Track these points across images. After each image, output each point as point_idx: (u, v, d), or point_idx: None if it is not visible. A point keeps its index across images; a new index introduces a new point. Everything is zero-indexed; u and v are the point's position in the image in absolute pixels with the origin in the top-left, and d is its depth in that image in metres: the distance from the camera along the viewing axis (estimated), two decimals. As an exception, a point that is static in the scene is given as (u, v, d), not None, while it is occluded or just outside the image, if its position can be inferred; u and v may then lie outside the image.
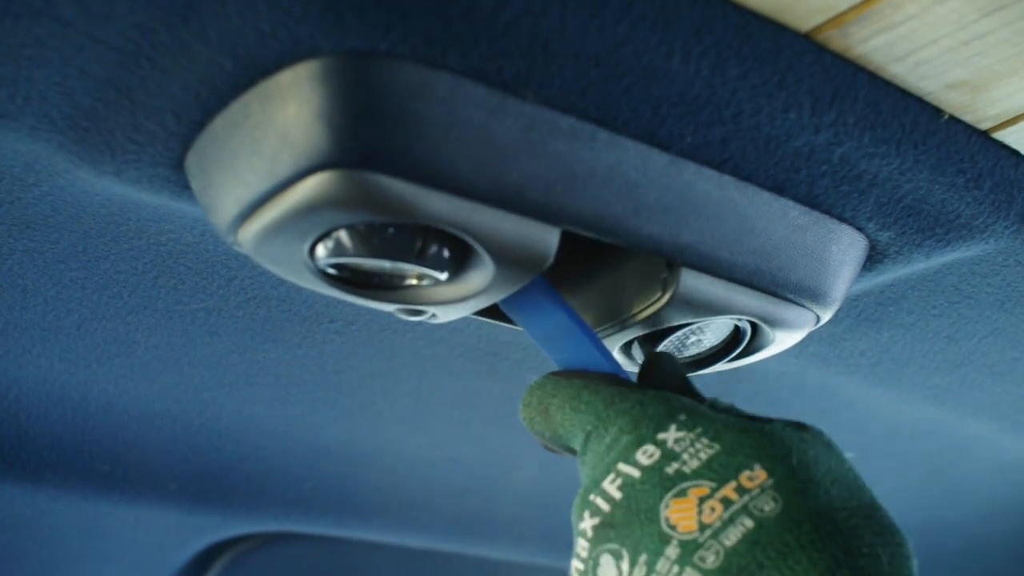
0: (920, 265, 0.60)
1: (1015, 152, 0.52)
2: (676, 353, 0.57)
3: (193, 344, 0.72)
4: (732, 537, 0.38)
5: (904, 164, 0.50)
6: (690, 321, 0.52)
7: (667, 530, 0.39)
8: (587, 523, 0.41)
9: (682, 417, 0.42)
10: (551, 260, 0.45)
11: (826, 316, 0.56)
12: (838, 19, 0.42)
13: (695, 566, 0.38)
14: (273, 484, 0.99)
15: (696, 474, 0.40)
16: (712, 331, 0.56)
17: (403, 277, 0.46)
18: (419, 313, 0.48)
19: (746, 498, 0.39)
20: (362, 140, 0.39)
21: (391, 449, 0.96)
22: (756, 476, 0.39)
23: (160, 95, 0.43)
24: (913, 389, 0.85)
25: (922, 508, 1.23)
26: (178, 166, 0.47)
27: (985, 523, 1.30)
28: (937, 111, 0.48)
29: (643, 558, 0.39)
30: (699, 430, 0.41)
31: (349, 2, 0.37)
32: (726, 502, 0.39)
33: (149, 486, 0.93)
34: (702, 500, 0.39)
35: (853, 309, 0.69)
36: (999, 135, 0.51)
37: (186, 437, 0.88)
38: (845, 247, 0.55)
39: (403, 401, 0.85)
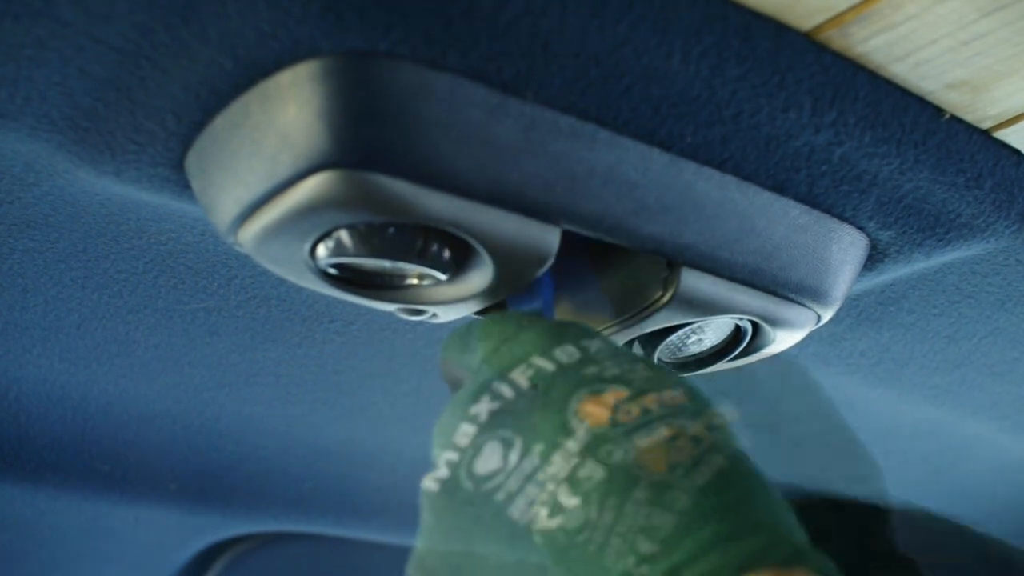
0: (921, 264, 0.60)
1: (1016, 151, 0.52)
2: (676, 353, 0.57)
3: (193, 344, 0.72)
4: (646, 440, 0.35)
5: (904, 164, 0.49)
6: (691, 320, 0.52)
7: (573, 423, 0.36)
8: (483, 407, 0.38)
9: (609, 341, 0.40)
10: (552, 260, 0.45)
11: (827, 315, 0.56)
12: (838, 19, 0.42)
13: (599, 459, 0.35)
14: (273, 484, 0.99)
15: (615, 380, 0.37)
16: (713, 330, 0.56)
17: (404, 277, 0.46)
18: (420, 313, 0.48)
19: (667, 411, 0.36)
20: (362, 140, 0.39)
21: (391, 449, 0.96)
22: (677, 398, 0.37)
23: (160, 95, 0.43)
24: (913, 389, 0.85)
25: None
26: (178, 166, 0.47)
27: (985, 523, 1.29)
28: (937, 111, 0.48)
29: (538, 448, 0.36)
30: (624, 351, 0.39)
31: (349, 2, 0.37)
32: (645, 409, 0.36)
33: (149, 486, 0.93)
34: (619, 402, 0.37)
35: (854, 309, 0.69)
36: (999, 134, 0.51)
37: (186, 437, 0.88)
38: (846, 246, 0.55)
39: (403, 401, 0.85)
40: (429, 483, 0.38)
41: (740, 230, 0.50)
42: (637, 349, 0.55)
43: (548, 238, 0.44)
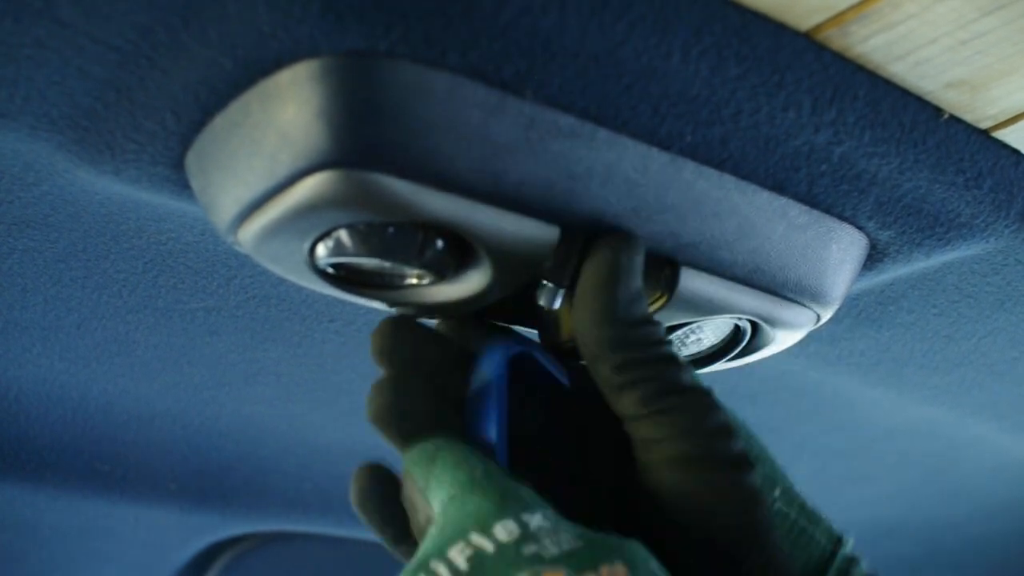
0: (920, 264, 0.60)
1: (1015, 151, 0.52)
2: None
3: (193, 343, 0.72)
4: None
5: (904, 163, 0.50)
6: (690, 320, 0.52)
7: None
8: None
9: (550, 513, 0.39)
10: (551, 259, 0.45)
11: (826, 315, 0.56)
12: (838, 18, 0.42)
13: None
14: (273, 484, 0.99)
15: (554, 560, 0.36)
16: (712, 330, 0.56)
17: (403, 276, 0.47)
18: (419, 312, 0.48)
19: None
20: (361, 139, 0.39)
21: (391, 449, 0.96)
22: (616, 572, 0.36)
23: (160, 95, 0.43)
24: (913, 389, 0.85)
25: (922, 508, 1.23)
26: (178, 165, 0.47)
27: (985, 523, 1.30)
28: (937, 110, 0.48)
29: None
30: (564, 526, 0.38)
31: (348, 2, 0.37)
32: None
33: (149, 486, 0.93)
34: None
35: (853, 308, 0.69)
36: (999, 134, 0.51)
37: (186, 437, 0.88)
38: (845, 246, 0.55)
39: (403, 401, 0.85)
40: None
41: (739, 229, 0.50)
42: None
43: (547, 237, 0.44)
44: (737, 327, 0.55)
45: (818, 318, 0.56)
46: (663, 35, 0.41)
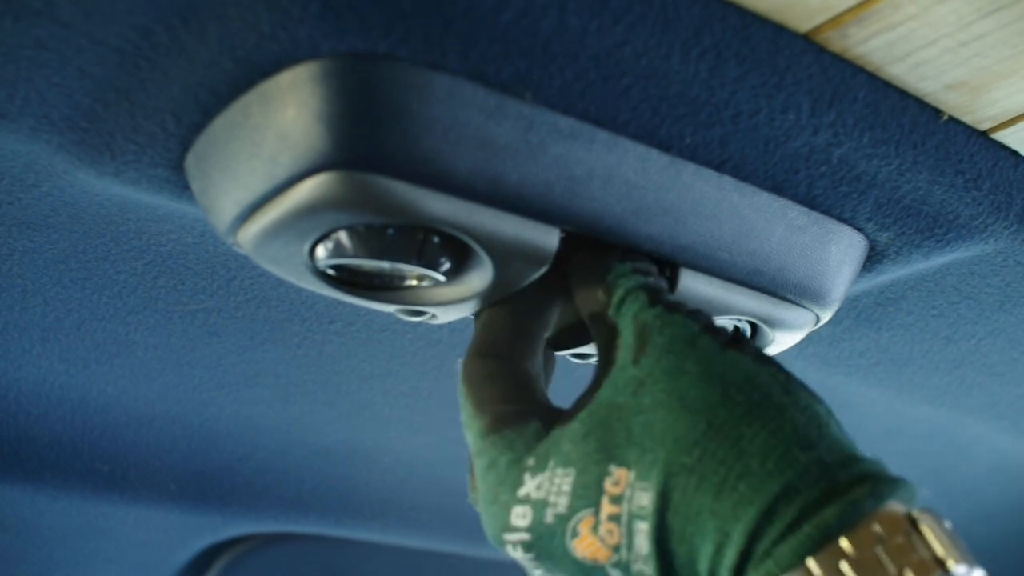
0: (919, 265, 0.60)
1: (1014, 152, 0.52)
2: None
3: (193, 345, 0.72)
4: (642, 545, 0.38)
5: (903, 165, 0.50)
6: (689, 321, 0.52)
7: (591, 566, 0.40)
8: (518, 556, 0.42)
9: (531, 462, 0.42)
10: (551, 260, 0.45)
11: (825, 316, 0.56)
12: (837, 20, 0.42)
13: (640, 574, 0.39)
14: (273, 484, 0.99)
15: (572, 509, 0.40)
16: (711, 331, 0.56)
17: (403, 278, 0.47)
18: (419, 314, 0.48)
19: (625, 505, 0.39)
20: (361, 141, 0.39)
21: (391, 450, 0.96)
22: (618, 479, 0.40)
23: (159, 96, 0.43)
24: (913, 389, 0.85)
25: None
26: (178, 167, 0.47)
27: (985, 523, 1.30)
28: (936, 112, 0.48)
29: None
30: (551, 463, 0.41)
31: (348, 4, 0.37)
32: (614, 519, 0.39)
33: (149, 486, 0.93)
34: (594, 529, 0.40)
35: (852, 309, 0.69)
36: (998, 135, 0.51)
37: (186, 437, 0.88)
38: (844, 247, 0.55)
39: (403, 401, 0.85)
40: None
41: (739, 231, 0.50)
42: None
43: (547, 239, 0.44)
44: (737, 328, 0.55)
45: (817, 319, 0.56)
46: (663, 36, 0.41)
